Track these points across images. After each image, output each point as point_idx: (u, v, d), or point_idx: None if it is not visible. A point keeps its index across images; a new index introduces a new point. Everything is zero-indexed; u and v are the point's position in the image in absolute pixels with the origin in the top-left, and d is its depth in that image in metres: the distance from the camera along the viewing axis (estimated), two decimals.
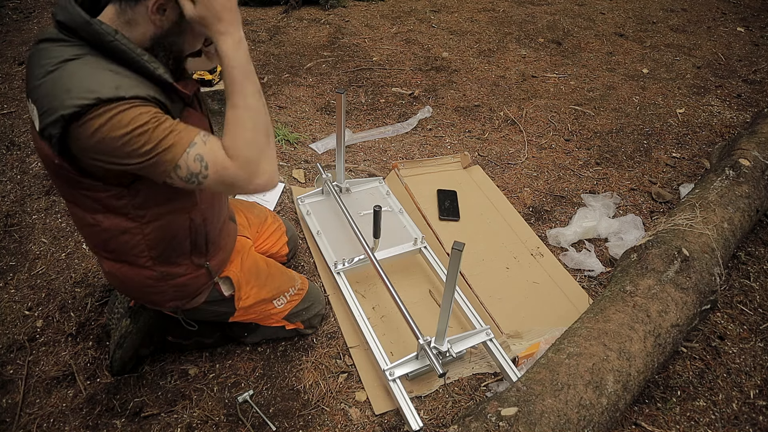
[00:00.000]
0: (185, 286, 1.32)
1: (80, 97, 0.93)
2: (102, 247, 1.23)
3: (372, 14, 3.98)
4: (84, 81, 0.94)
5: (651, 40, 3.78)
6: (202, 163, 1.02)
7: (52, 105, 0.95)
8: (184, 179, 1.03)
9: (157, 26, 1.02)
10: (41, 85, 0.97)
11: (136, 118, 0.96)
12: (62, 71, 0.96)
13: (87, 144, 0.97)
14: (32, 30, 3.56)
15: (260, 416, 1.46)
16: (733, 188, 1.90)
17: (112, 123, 0.95)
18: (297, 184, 2.30)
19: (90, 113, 0.94)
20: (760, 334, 1.73)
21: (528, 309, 1.79)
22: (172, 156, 1.00)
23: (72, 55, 0.98)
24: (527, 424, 1.17)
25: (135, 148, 0.97)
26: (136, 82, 0.99)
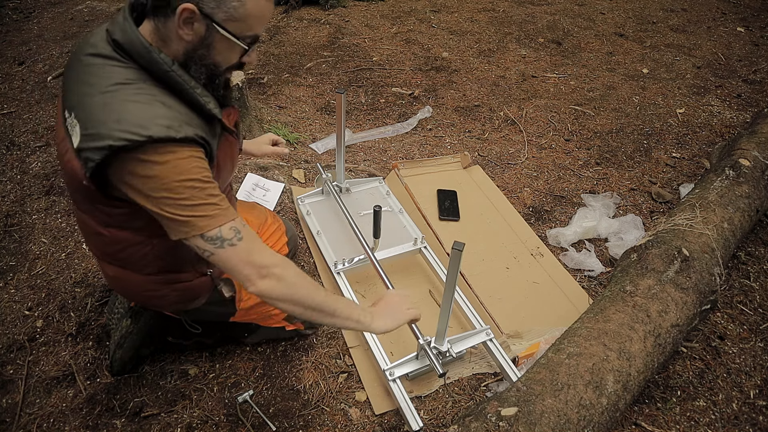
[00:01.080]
0: (188, 290, 1.32)
1: (131, 131, 0.92)
2: (109, 255, 1.24)
3: (372, 14, 3.98)
4: (137, 114, 0.94)
5: (651, 40, 3.78)
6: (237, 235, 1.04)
7: (100, 131, 0.94)
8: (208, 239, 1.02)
9: (187, 41, 1.00)
10: (90, 104, 0.96)
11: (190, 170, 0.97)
12: (115, 97, 0.95)
13: (126, 177, 0.97)
14: (32, 30, 3.56)
15: (260, 416, 1.46)
16: (733, 188, 1.90)
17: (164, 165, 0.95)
18: (297, 184, 2.30)
19: (138, 150, 0.94)
20: (760, 334, 1.73)
21: (528, 309, 1.79)
22: (207, 224, 1.01)
23: (125, 79, 0.97)
24: (527, 424, 1.17)
25: (176, 198, 0.97)
26: (185, 117, 0.99)
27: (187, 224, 1.00)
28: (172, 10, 0.96)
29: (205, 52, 1.02)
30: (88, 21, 3.68)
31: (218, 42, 1.01)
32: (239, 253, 1.04)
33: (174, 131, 0.95)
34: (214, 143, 1.08)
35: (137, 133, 0.92)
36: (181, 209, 0.99)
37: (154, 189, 0.97)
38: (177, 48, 1.01)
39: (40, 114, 2.68)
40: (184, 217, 1.00)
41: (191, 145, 0.99)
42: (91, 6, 3.93)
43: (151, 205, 1.00)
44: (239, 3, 0.98)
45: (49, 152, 2.41)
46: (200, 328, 1.51)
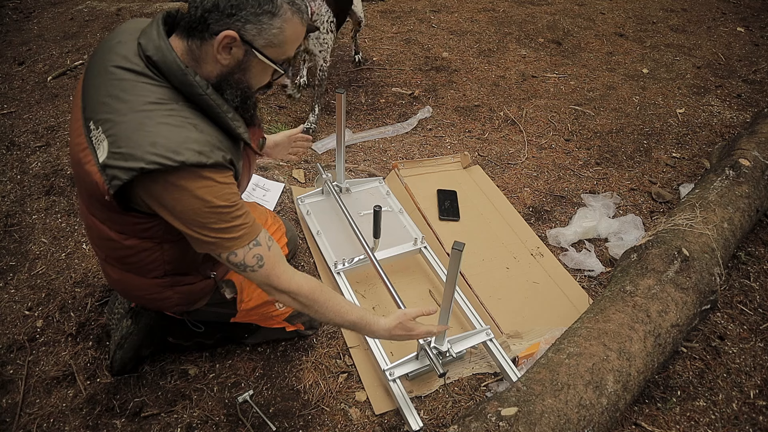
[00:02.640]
0: (190, 293, 1.33)
1: (164, 156, 0.93)
2: (116, 260, 1.24)
3: (372, 14, 3.98)
4: (170, 138, 0.95)
5: (651, 40, 3.78)
6: (259, 263, 1.10)
7: (132, 152, 0.94)
8: (232, 263, 1.09)
9: (223, 65, 1.02)
10: (122, 122, 0.97)
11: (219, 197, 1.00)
12: (148, 117, 0.96)
13: (155, 196, 0.99)
14: (32, 30, 3.56)
15: (260, 416, 1.46)
16: (733, 188, 1.90)
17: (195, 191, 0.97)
18: (297, 184, 2.30)
19: (169, 173, 0.95)
20: (760, 334, 1.73)
21: (528, 309, 1.79)
22: (233, 245, 1.06)
23: (159, 98, 0.98)
24: (527, 424, 1.17)
25: (202, 222, 1.01)
26: (215, 140, 1.01)
27: (214, 244, 1.05)
28: (210, 35, 0.98)
29: (242, 76, 1.04)
30: (88, 21, 3.68)
31: (255, 66, 1.04)
32: (259, 278, 1.12)
33: (205, 157, 0.97)
34: (239, 163, 1.10)
35: (170, 158, 0.94)
36: (208, 231, 1.03)
37: (183, 212, 1.00)
38: (211, 70, 1.03)
39: (40, 114, 2.68)
40: (212, 238, 1.04)
41: (221, 169, 1.01)
42: (91, 6, 3.93)
43: (178, 223, 1.03)
44: (279, 30, 1.01)
45: (49, 152, 2.41)
46: (203, 327, 1.51)
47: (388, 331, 1.28)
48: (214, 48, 0.99)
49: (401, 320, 1.30)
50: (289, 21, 1.01)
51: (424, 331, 1.34)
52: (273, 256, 1.12)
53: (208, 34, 0.98)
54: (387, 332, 1.28)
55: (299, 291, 1.15)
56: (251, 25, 0.98)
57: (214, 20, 0.97)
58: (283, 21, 1.00)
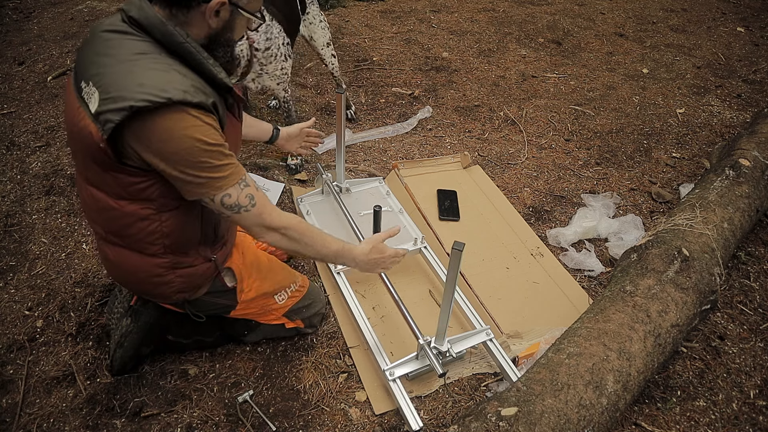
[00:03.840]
0: (192, 276, 1.33)
1: (152, 93, 0.98)
2: (117, 233, 1.24)
3: (372, 14, 3.98)
4: (156, 78, 1.01)
5: (651, 40, 3.78)
6: (251, 201, 1.17)
7: (121, 93, 1.00)
8: (227, 205, 1.14)
9: (212, 27, 1.10)
10: (111, 72, 1.03)
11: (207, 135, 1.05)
12: (136, 64, 1.02)
13: (145, 139, 1.03)
14: (32, 30, 3.56)
15: (260, 416, 1.46)
16: (733, 188, 1.90)
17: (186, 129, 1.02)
18: (297, 184, 2.30)
19: (157, 112, 1.00)
20: (760, 334, 1.73)
21: (528, 309, 1.79)
22: (223, 183, 1.11)
23: (143, 50, 1.04)
24: (527, 424, 1.17)
25: (193, 160, 1.05)
26: (200, 85, 1.06)
27: (204, 185, 1.09)
28: (198, 3, 1.05)
29: (230, 34, 1.14)
30: (88, 21, 3.68)
31: (239, 22, 1.14)
32: (252, 217, 1.18)
33: (190, 96, 1.02)
34: (224, 114, 1.15)
35: (157, 95, 0.98)
36: (198, 170, 1.07)
37: (172, 153, 1.04)
38: (198, 33, 1.10)
39: (40, 114, 2.68)
40: (202, 179, 1.08)
41: (205, 111, 1.06)
42: (91, 6, 3.93)
43: (169, 167, 1.06)
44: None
45: (49, 152, 2.41)
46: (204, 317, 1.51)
47: (365, 254, 1.41)
48: (205, 14, 1.07)
49: (373, 244, 1.43)
50: None
51: (392, 251, 1.48)
52: (262, 196, 1.20)
53: (196, 2, 1.05)
54: (365, 255, 1.41)
55: (290, 225, 1.24)
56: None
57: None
58: None
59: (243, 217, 1.17)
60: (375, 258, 1.43)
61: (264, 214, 1.20)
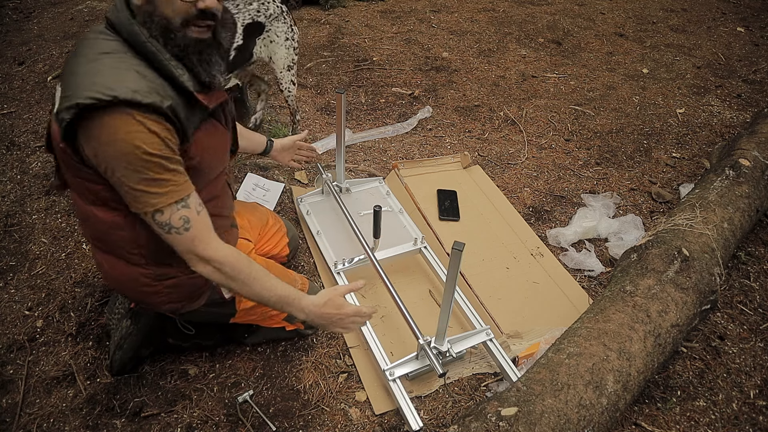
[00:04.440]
0: (178, 287, 1.30)
1: (99, 91, 0.96)
2: (99, 240, 1.24)
3: (372, 14, 3.98)
4: (109, 77, 0.99)
5: (651, 40, 3.78)
6: (185, 225, 1.09)
7: (73, 91, 0.99)
8: (158, 223, 1.08)
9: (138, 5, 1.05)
10: (76, 72, 1.02)
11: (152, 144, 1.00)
12: (96, 64, 1.01)
13: (91, 140, 1.01)
14: (32, 30, 3.56)
15: (260, 416, 1.46)
16: (733, 188, 1.90)
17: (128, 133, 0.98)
18: (298, 184, 2.30)
19: (105, 110, 0.97)
20: (760, 334, 1.73)
21: (528, 309, 1.79)
22: (158, 201, 1.05)
23: (110, 49, 1.03)
24: (527, 424, 1.17)
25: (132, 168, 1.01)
26: (158, 87, 1.02)
27: (139, 199, 1.05)
28: None
29: (151, 7, 1.05)
30: (88, 21, 3.68)
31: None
32: (183, 242, 1.11)
33: (140, 96, 0.98)
34: (191, 122, 1.09)
35: (104, 93, 0.96)
36: (134, 182, 1.03)
37: (112, 156, 1.01)
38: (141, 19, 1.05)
39: (40, 114, 2.68)
40: (137, 191, 1.04)
41: (157, 116, 1.01)
42: (91, 6, 3.93)
43: (108, 172, 1.03)
44: None
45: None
46: (194, 329, 1.51)
47: (318, 307, 1.27)
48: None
49: (330, 296, 1.29)
50: None
51: (353, 310, 1.32)
52: (201, 222, 1.11)
53: None
54: (317, 308, 1.27)
55: (225, 261, 1.14)
56: None
57: None
58: None
59: (173, 239, 1.10)
60: (329, 313, 1.28)
61: (196, 242, 1.11)
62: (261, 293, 1.21)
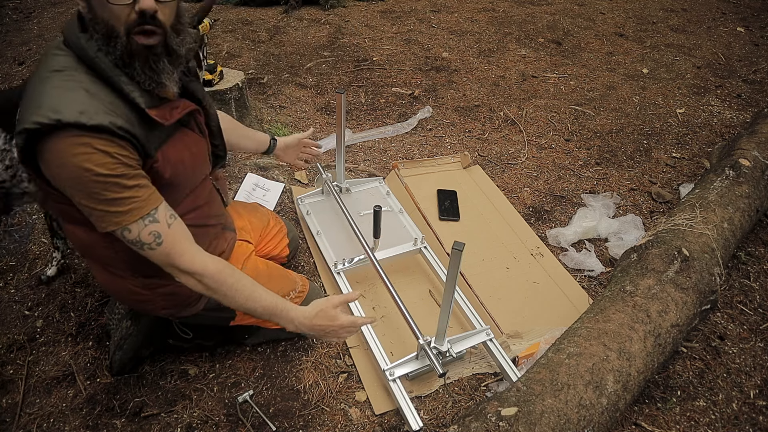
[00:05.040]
0: (173, 294, 1.29)
1: (44, 115, 0.92)
2: (85, 255, 1.24)
3: (372, 14, 3.98)
4: (54, 99, 0.94)
5: (651, 40, 3.78)
6: (157, 240, 1.05)
7: (22, 116, 0.96)
8: (128, 240, 1.05)
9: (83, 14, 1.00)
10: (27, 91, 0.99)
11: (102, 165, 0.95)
12: (45, 83, 0.97)
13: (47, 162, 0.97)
14: (32, 30, 3.56)
15: (260, 416, 1.46)
16: (733, 188, 1.90)
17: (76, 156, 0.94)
18: (298, 184, 2.30)
19: (52, 134, 0.93)
20: (760, 334, 1.73)
21: (528, 309, 1.79)
22: (121, 219, 1.01)
23: (61, 66, 0.98)
24: (527, 424, 1.17)
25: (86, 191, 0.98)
26: (109, 107, 0.97)
27: (101, 218, 1.01)
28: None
29: (91, 14, 0.98)
30: None
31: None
32: (159, 257, 1.08)
33: (86, 117, 0.93)
34: (151, 139, 1.04)
35: (48, 117, 0.92)
36: (93, 202, 0.99)
37: (66, 179, 0.97)
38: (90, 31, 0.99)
39: None
40: (98, 211, 1.00)
41: (107, 135, 0.96)
42: None
43: (69, 194, 1.00)
44: None
45: None
46: (191, 333, 1.51)
47: (308, 318, 1.22)
48: None
49: (323, 307, 1.24)
50: None
51: (348, 321, 1.26)
52: (174, 234, 1.07)
53: None
54: (308, 320, 1.22)
55: (204, 272, 1.10)
56: None
57: None
58: None
59: (149, 255, 1.07)
60: (321, 325, 1.23)
61: (173, 255, 1.07)
62: (246, 304, 1.17)
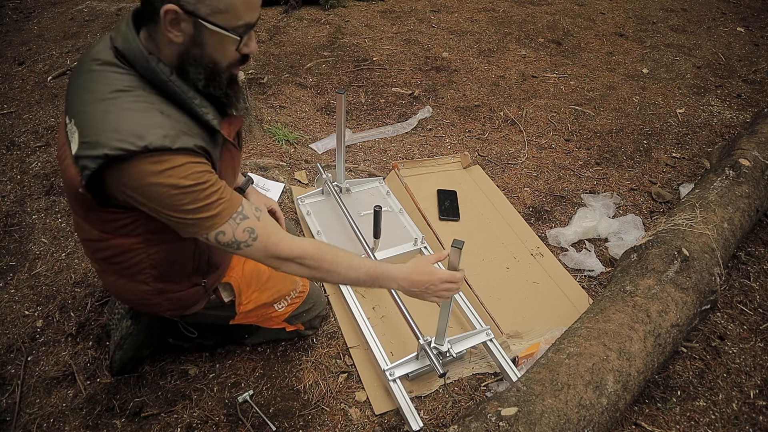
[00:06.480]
0: (180, 300, 1.31)
1: (127, 141, 0.92)
2: (103, 261, 1.23)
3: (372, 14, 3.98)
4: (134, 123, 0.94)
5: (651, 40, 3.78)
6: (251, 236, 1.06)
7: (96, 139, 0.94)
8: (223, 244, 1.05)
9: (178, 44, 0.98)
10: (89, 111, 0.96)
11: (187, 177, 0.97)
12: (113, 104, 0.95)
13: (126, 184, 0.97)
14: (32, 30, 3.56)
15: (260, 416, 1.46)
16: (733, 188, 1.90)
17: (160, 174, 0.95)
18: (298, 184, 2.30)
19: (134, 159, 0.93)
20: (760, 334, 1.73)
21: (528, 309, 1.79)
22: (214, 222, 1.02)
23: (125, 86, 0.97)
24: (527, 424, 1.17)
25: (175, 204, 0.98)
26: (184, 126, 0.99)
27: (194, 225, 1.02)
28: (158, 15, 0.94)
29: (199, 51, 0.99)
30: (88, 21, 3.68)
31: (209, 38, 0.98)
32: (257, 252, 1.09)
33: (170, 141, 0.94)
34: (216, 153, 1.07)
35: (133, 143, 0.92)
36: (184, 213, 1.00)
37: (153, 197, 0.98)
38: (170, 52, 0.99)
39: (40, 114, 2.68)
40: (189, 220, 1.01)
41: (187, 154, 0.98)
42: (91, 6, 3.93)
43: (153, 211, 1.01)
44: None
45: (49, 152, 2.41)
46: (196, 332, 1.51)
47: (409, 274, 1.21)
48: (163, 28, 0.95)
49: (418, 263, 1.23)
50: None
51: (447, 275, 1.23)
52: (264, 226, 1.08)
53: (156, 14, 0.94)
54: (407, 276, 1.21)
55: (304, 254, 1.11)
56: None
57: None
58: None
59: (247, 253, 1.08)
60: (421, 280, 1.21)
61: (270, 246, 1.08)
62: (348, 274, 1.17)
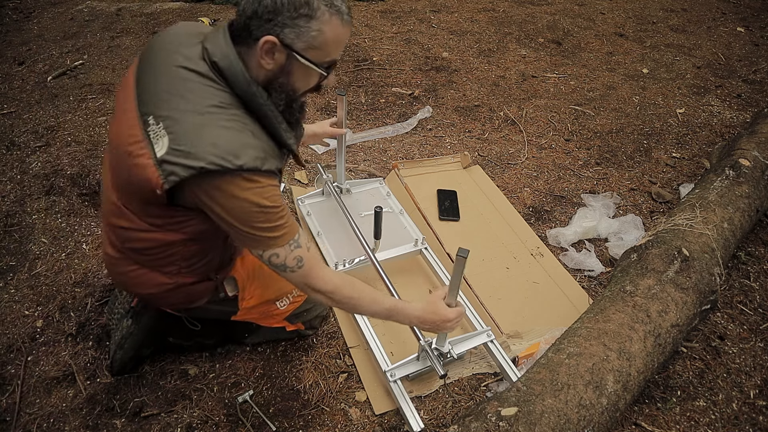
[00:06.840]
0: (189, 294, 1.34)
1: (225, 158, 0.98)
2: (132, 250, 1.23)
3: (372, 14, 3.98)
4: (231, 142, 1.00)
5: (651, 40, 3.78)
6: (299, 264, 1.15)
7: (193, 151, 0.99)
8: (273, 264, 1.14)
9: (268, 69, 1.05)
10: (186, 121, 1.01)
11: (268, 198, 1.05)
12: (210, 119, 1.01)
13: (209, 195, 1.03)
14: (32, 30, 3.56)
15: (260, 416, 1.46)
16: (733, 188, 1.90)
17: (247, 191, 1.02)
18: (298, 185, 2.30)
19: (228, 174, 1.00)
20: (760, 334, 1.73)
21: (528, 309, 1.79)
22: (275, 243, 1.11)
23: (221, 102, 1.03)
24: (527, 424, 1.17)
25: (251, 220, 1.06)
26: (269, 149, 1.07)
27: (258, 241, 1.10)
28: (254, 40, 1.02)
29: (285, 79, 1.07)
30: (88, 21, 3.68)
31: (297, 69, 1.07)
32: (297, 278, 1.18)
33: (260, 162, 1.02)
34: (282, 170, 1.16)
35: (230, 161, 0.99)
36: (255, 229, 1.07)
37: (234, 210, 1.05)
38: (257, 74, 1.07)
39: (40, 114, 2.68)
40: (257, 237, 1.09)
41: (271, 176, 1.06)
42: (91, 6, 3.93)
43: (226, 222, 1.07)
44: (318, 32, 1.02)
45: (49, 152, 2.41)
46: (199, 325, 1.51)
47: (422, 314, 1.32)
48: (257, 53, 1.03)
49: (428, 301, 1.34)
50: (327, 23, 1.02)
51: (453, 315, 1.34)
52: (312, 258, 1.17)
53: (252, 40, 1.02)
54: (421, 315, 1.32)
55: (335, 290, 1.21)
56: (289, 29, 1.01)
57: (255, 26, 1.01)
58: (321, 23, 1.02)
59: (287, 276, 1.17)
60: (432, 319, 1.33)
61: (310, 278, 1.18)
62: (370, 308, 1.27)
